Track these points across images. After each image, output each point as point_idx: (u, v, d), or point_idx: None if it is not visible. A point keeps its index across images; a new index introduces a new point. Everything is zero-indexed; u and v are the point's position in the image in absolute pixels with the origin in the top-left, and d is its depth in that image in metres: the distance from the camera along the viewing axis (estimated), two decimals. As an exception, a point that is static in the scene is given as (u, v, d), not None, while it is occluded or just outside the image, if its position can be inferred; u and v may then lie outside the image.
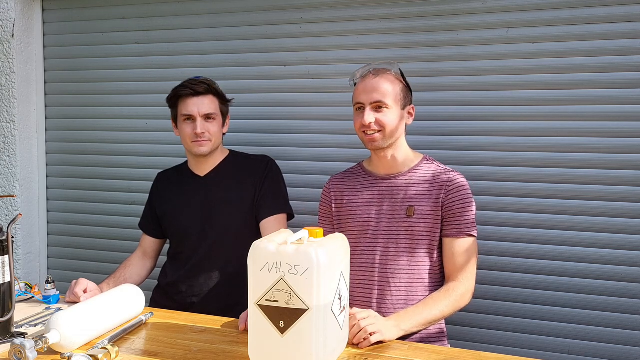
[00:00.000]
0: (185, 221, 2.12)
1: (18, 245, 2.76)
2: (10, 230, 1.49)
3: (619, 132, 2.06)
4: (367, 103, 1.75)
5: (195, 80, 2.07)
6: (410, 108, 1.84)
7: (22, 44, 2.73)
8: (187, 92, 2.04)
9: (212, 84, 2.09)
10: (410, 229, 1.76)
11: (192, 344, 1.48)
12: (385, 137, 1.76)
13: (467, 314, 2.21)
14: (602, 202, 2.09)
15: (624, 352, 2.08)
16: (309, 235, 1.33)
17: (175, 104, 2.09)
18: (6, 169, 2.77)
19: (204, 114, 2.04)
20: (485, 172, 2.20)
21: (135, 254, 2.20)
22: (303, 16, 2.40)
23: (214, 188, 2.11)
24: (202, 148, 2.05)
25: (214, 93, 2.08)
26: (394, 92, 1.76)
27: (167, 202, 2.17)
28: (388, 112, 1.75)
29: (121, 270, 2.11)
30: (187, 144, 2.08)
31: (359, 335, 1.46)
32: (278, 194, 2.12)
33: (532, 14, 2.11)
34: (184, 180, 2.17)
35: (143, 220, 2.25)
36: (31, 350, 1.29)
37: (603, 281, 2.09)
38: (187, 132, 2.05)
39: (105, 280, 2.05)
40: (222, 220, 2.08)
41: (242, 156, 2.20)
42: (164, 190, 2.20)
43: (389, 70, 1.80)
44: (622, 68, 2.04)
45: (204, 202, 2.11)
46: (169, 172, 2.25)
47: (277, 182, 2.14)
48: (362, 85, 1.78)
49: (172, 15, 2.60)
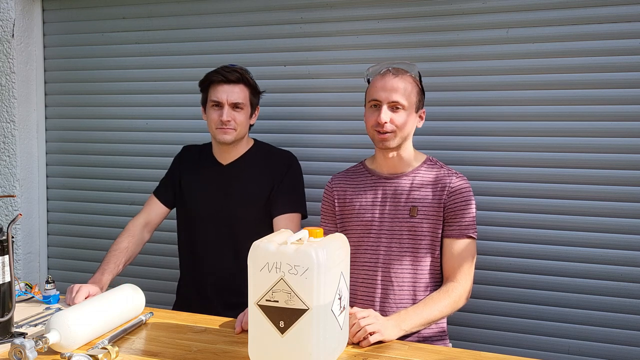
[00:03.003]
0: (203, 207, 2.11)
1: (18, 245, 2.76)
2: (10, 230, 1.49)
3: (619, 132, 2.06)
4: (385, 101, 1.74)
5: (229, 68, 2.06)
6: (422, 112, 1.84)
7: (22, 44, 2.73)
8: (218, 78, 2.04)
9: (244, 73, 2.08)
10: (413, 229, 1.76)
11: (192, 344, 1.48)
12: (397, 137, 1.75)
13: (467, 314, 2.21)
14: (602, 202, 2.09)
15: (624, 352, 2.08)
16: (309, 235, 1.33)
17: (207, 88, 2.09)
18: (6, 169, 2.77)
19: (232, 102, 2.03)
20: (485, 172, 2.20)
21: (137, 223, 2.12)
22: (303, 16, 2.40)
23: (234, 179, 2.10)
24: (226, 136, 2.04)
25: (245, 82, 2.07)
26: (411, 94, 1.76)
27: (188, 180, 2.15)
28: (403, 113, 1.75)
29: (120, 255, 2.00)
30: (212, 130, 2.08)
31: (358, 335, 1.46)
32: (295, 192, 2.11)
33: (532, 14, 2.11)
34: (205, 165, 2.15)
35: (160, 188, 2.20)
36: (31, 350, 1.29)
37: (603, 281, 2.10)
38: (213, 118, 2.05)
39: (103, 269, 1.94)
40: (236, 212, 2.08)
41: (266, 149, 2.18)
42: (188, 165, 2.18)
43: (409, 72, 1.79)
44: (622, 68, 2.04)
45: (221, 191, 2.10)
46: (194, 150, 2.23)
47: (296, 181, 2.13)
48: (381, 83, 1.76)
49: (172, 15, 2.60)
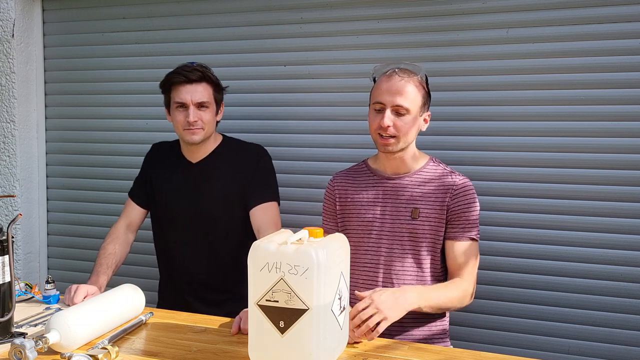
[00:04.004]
0: (175, 207, 2.09)
1: (18, 245, 2.76)
2: (10, 230, 1.49)
3: (619, 132, 2.06)
4: (389, 105, 1.70)
5: (189, 67, 2.01)
6: (427, 115, 1.80)
7: (22, 44, 2.73)
8: (180, 79, 1.99)
9: (206, 71, 2.03)
10: (415, 231, 1.75)
11: (192, 344, 1.48)
12: (399, 143, 1.72)
13: (467, 314, 2.21)
14: (602, 202, 2.08)
15: (624, 352, 2.08)
16: (309, 235, 1.33)
17: (169, 90, 2.05)
18: (6, 169, 2.76)
19: (197, 102, 1.99)
20: (485, 172, 2.20)
21: (120, 226, 2.13)
22: (303, 16, 2.40)
23: (204, 177, 2.08)
24: (194, 136, 2.01)
25: (207, 80, 2.03)
26: (416, 98, 1.72)
27: (158, 180, 2.13)
28: (407, 118, 1.71)
29: (109, 257, 2.01)
30: (179, 132, 2.05)
31: (361, 330, 1.46)
32: (267, 182, 2.09)
33: (532, 14, 2.11)
34: (175, 163, 2.13)
35: (134, 189, 2.20)
36: (31, 350, 1.29)
37: (603, 281, 2.09)
38: (179, 119, 2.01)
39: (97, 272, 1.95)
40: (209, 210, 2.06)
41: (235, 145, 2.15)
42: (158, 165, 2.16)
43: (416, 75, 1.74)
44: (622, 68, 2.04)
45: (192, 190, 2.08)
46: (164, 147, 2.20)
47: (267, 172, 2.11)
48: (387, 85, 1.72)
49: (172, 15, 2.60)
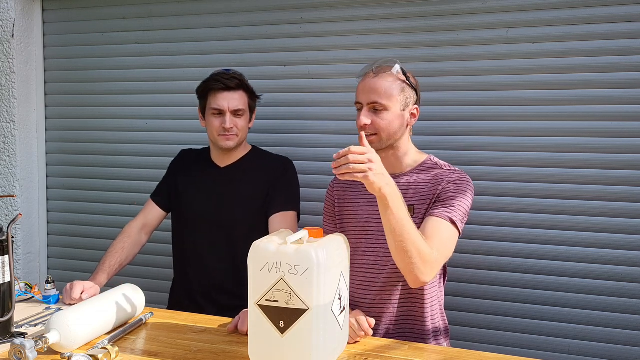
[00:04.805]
0: (198, 209, 2.12)
1: (18, 245, 2.76)
2: (10, 230, 1.49)
3: (619, 132, 2.05)
4: (365, 103, 1.70)
5: (227, 75, 2.07)
6: (414, 109, 1.76)
7: (22, 44, 2.73)
8: (218, 86, 2.05)
9: (243, 80, 2.10)
10: None
11: (192, 344, 1.48)
12: (382, 140, 1.69)
13: (467, 314, 2.21)
14: (602, 202, 2.08)
15: (624, 352, 2.08)
16: (309, 235, 1.33)
17: (205, 95, 2.09)
18: (6, 169, 2.76)
19: (234, 109, 2.05)
20: (485, 172, 2.19)
21: (134, 225, 2.14)
22: (303, 16, 2.40)
23: (230, 181, 2.12)
24: (229, 142, 2.06)
25: (244, 88, 2.09)
26: (392, 92, 1.69)
27: (184, 183, 2.17)
28: (385, 114, 1.68)
29: (115, 256, 2.03)
30: (213, 137, 2.09)
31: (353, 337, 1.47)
32: (290, 192, 2.13)
33: (532, 14, 2.11)
34: (203, 169, 2.17)
35: (157, 191, 2.22)
36: (31, 350, 1.29)
37: (603, 281, 2.09)
38: (215, 125, 2.06)
39: (98, 269, 1.98)
40: (233, 214, 2.09)
41: (263, 154, 2.21)
42: (185, 169, 2.20)
43: (390, 69, 1.72)
44: (622, 68, 2.03)
45: (218, 193, 2.11)
46: (192, 154, 2.25)
47: (292, 182, 2.15)
48: (362, 85, 1.73)
49: (172, 15, 2.59)
